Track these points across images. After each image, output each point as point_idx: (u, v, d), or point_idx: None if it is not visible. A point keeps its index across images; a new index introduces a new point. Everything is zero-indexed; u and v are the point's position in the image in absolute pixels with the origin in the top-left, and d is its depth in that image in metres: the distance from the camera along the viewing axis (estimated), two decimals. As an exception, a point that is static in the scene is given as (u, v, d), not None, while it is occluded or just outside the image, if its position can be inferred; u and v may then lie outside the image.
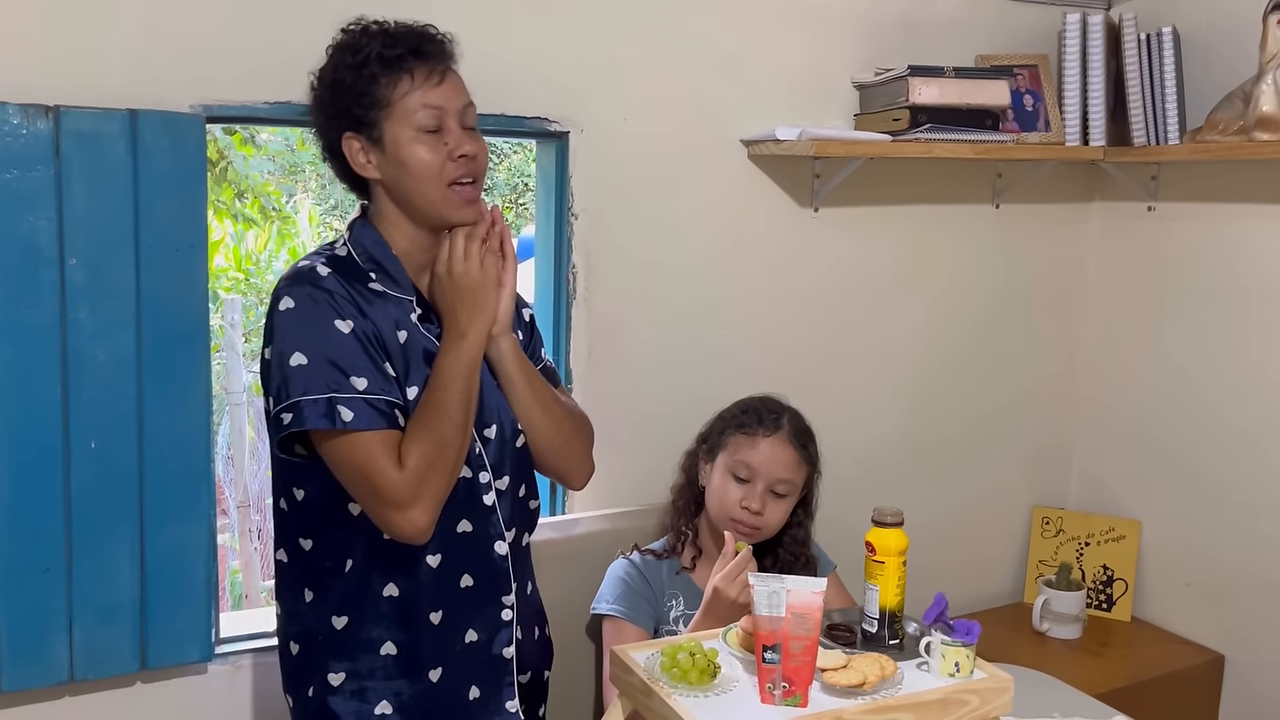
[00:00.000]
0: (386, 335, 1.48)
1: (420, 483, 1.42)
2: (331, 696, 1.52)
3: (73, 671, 1.78)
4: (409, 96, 1.46)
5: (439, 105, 1.47)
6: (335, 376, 1.41)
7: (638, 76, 2.17)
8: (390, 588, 1.51)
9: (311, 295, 1.45)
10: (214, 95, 1.81)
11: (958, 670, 1.50)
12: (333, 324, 1.43)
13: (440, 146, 1.48)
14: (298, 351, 1.42)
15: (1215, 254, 2.49)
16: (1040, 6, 2.58)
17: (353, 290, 1.48)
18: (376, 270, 1.52)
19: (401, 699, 1.53)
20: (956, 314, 2.63)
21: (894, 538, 1.58)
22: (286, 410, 1.41)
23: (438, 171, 1.48)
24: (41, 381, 1.71)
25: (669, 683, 1.46)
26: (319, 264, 1.49)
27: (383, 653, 1.52)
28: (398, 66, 1.46)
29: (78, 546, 1.76)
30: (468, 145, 1.49)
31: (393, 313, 1.51)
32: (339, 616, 1.51)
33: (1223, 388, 2.49)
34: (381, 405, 1.43)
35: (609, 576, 1.98)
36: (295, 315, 1.44)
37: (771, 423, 1.95)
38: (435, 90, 1.47)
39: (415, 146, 1.47)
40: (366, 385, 1.42)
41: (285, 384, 1.42)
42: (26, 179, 1.66)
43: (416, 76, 1.47)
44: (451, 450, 1.45)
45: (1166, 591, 2.64)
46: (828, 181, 2.35)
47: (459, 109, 1.50)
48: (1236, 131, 2.27)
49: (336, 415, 1.40)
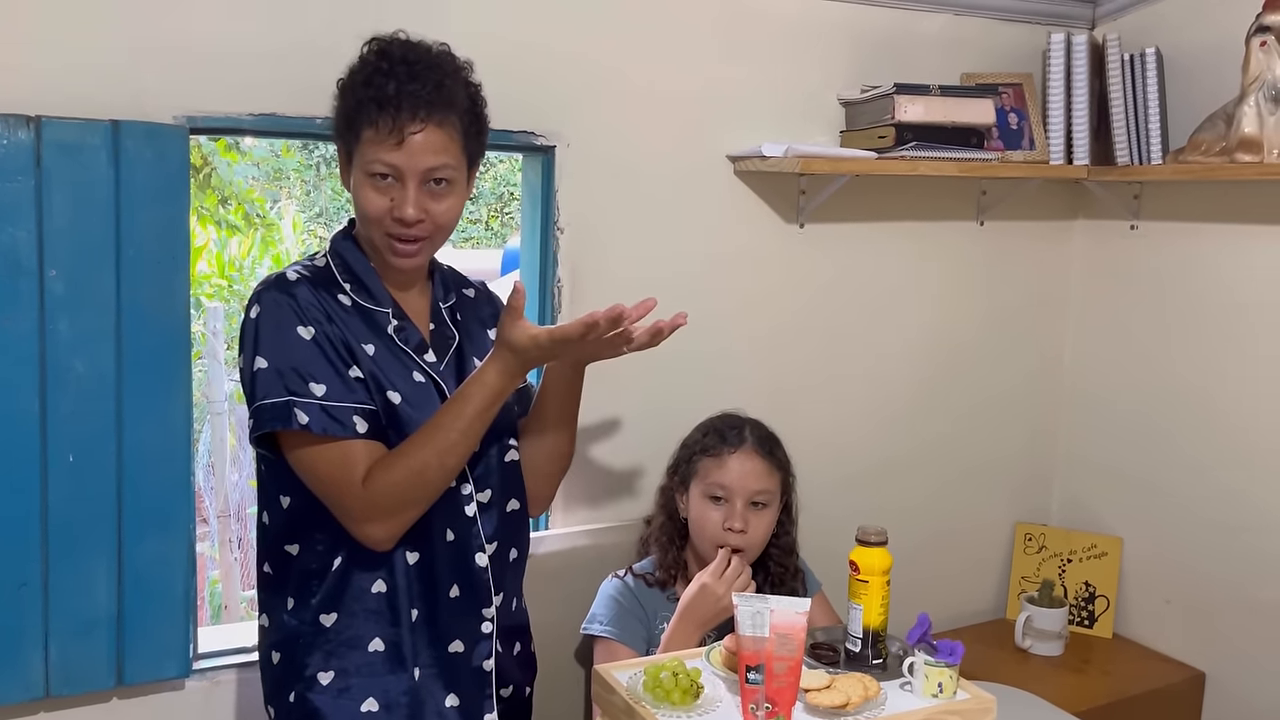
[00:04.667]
0: (354, 346, 1.48)
1: (381, 505, 1.43)
2: (316, 695, 1.51)
3: (48, 687, 1.76)
4: (370, 145, 1.43)
5: (394, 164, 1.43)
6: (295, 381, 1.43)
7: (625, 91, 2.17)
8: (378, 583, 1.51)
9: (276, 300, 1.46)
10: (198, 106, 1.80)
11: (941, 691, 1.50)
12: (294, 330, 1.45)
13: (386, 198, 1.45)
14: (259, 356, 1.44)
15: (1197, 273, 2.51)
16: (1025, 26, 2.60)
17: (322, 299, 1.49)
18: (353, 282, 1.53)
19: (389, 696, 1.52)
20: (940, 330, 2.63)
21: (878, 557, 1.58)
22: (251, 415, 1.45)
23: (379, 218, 1.47)
24: (19, 394, 1.69)
25: (651, 703, 1.46)
26: (291, 272, 1.51)
27: (370, 649, 1.51)
28: (374, 109, 1.42)
29: (54, 561, 1.74)
30: (410, 209, 1.44)
31: (364, 325, 1.51)
32: (326, 615, 1.51)
33: (1205, 406, 2.50)
34: (339, 414, 1.43)
35: (601, 596, 1.97)
36: (260, 321, 1.46)
37: (735, 438, 1.95)
38: (397, 150, 1.42)
39: (364, 188, 1.46)
40: (325, 391, 1.43)
41: (251, 390, 1.45)
42: (6, 189, 1.64)
43: (383, 129, 1.42)
44: (426, 487, 1.45)
45: (1148, 608, 2.65)
46: (813, 198, 2.36)
47: (421, 170, 1.43)
48: (1219, 152, 2.28)
49: (293, 418, 1.41)
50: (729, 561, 1.84)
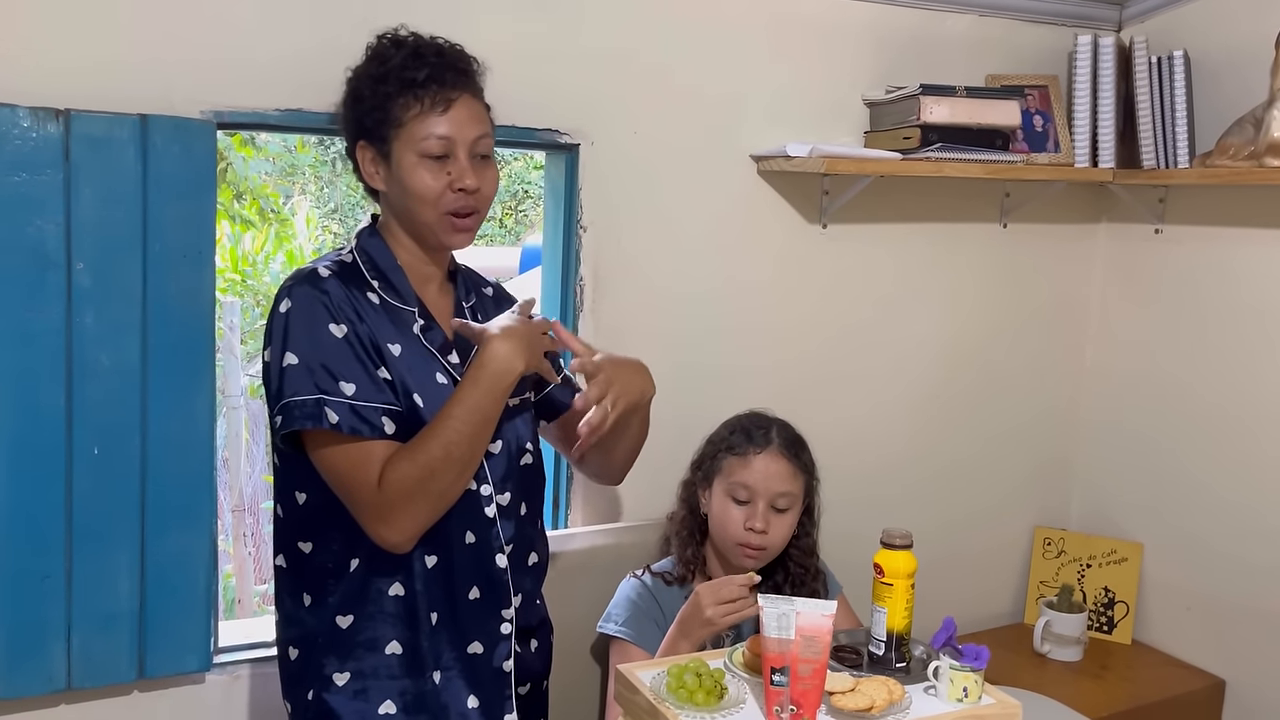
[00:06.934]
0: (382, 347, 1.48)
1: (393, 505, 1.42)
2: (333, 696, 1.51)
3: (70, 679, 1.76)
4: (418, 122, 1.46)
5: (447, 135, 1.47)
6: (325, 380, 1.42)
7: (648, 90, 2.16)
8: (396, 586, 1.50)
9: (309, 296, 1.46)
10: (225, 101, 1.80)
11: (966, 695, 1.49)
12: (326, 327, 1.44)
13: (443, 174, 1.48)
14: (290, 352, 1.43)
15: (1222, 277, 2.49)
16: (1051, 28, 2.58)
17: (353, 297, 1.48)
18: (380, 280, 1.53)
19: (406, 699, 1.52)
20: (962, 333, 2.62)
21: (903, 560, 1.57)
22: (279, 412, 1.43)
23: (436, 198, 1.49)
24: (46, 386, 1.69)
25: (675, 703, 1.45)
26: (322, 267, 1.50)
27: (387, 652, 1.51)
28: (413, 89, 1.46)
29: (78, 554, 1.74)
30: (469, 179, 1.48)
31: (391, 324, 1.51)
32: (343, 616, 1.50)
33: (1228, 412, 2.49)
34: (368, 413, 1.43)
35: (619, 596, 1.96)
36: (292, 317, 1.45)
37: (761, 438, 1.93)
38: (444, 119, 1.47)
39: (418, 170, 1.48)
40: (355, 391, 1.43)
41: (280, 386, 1.44)
42: (35, 182, 1.65)
43: (427, 102, 1.46)
44: (439, 481, 1.43)
45: (1168, 615, 2.63)
46: (836, 198, 2.35)
47: (470, 139, 1.49)
48: (1247, 157, 2.27)
49: (323, 417, 1.41)
50: (737, 587, 1.75)
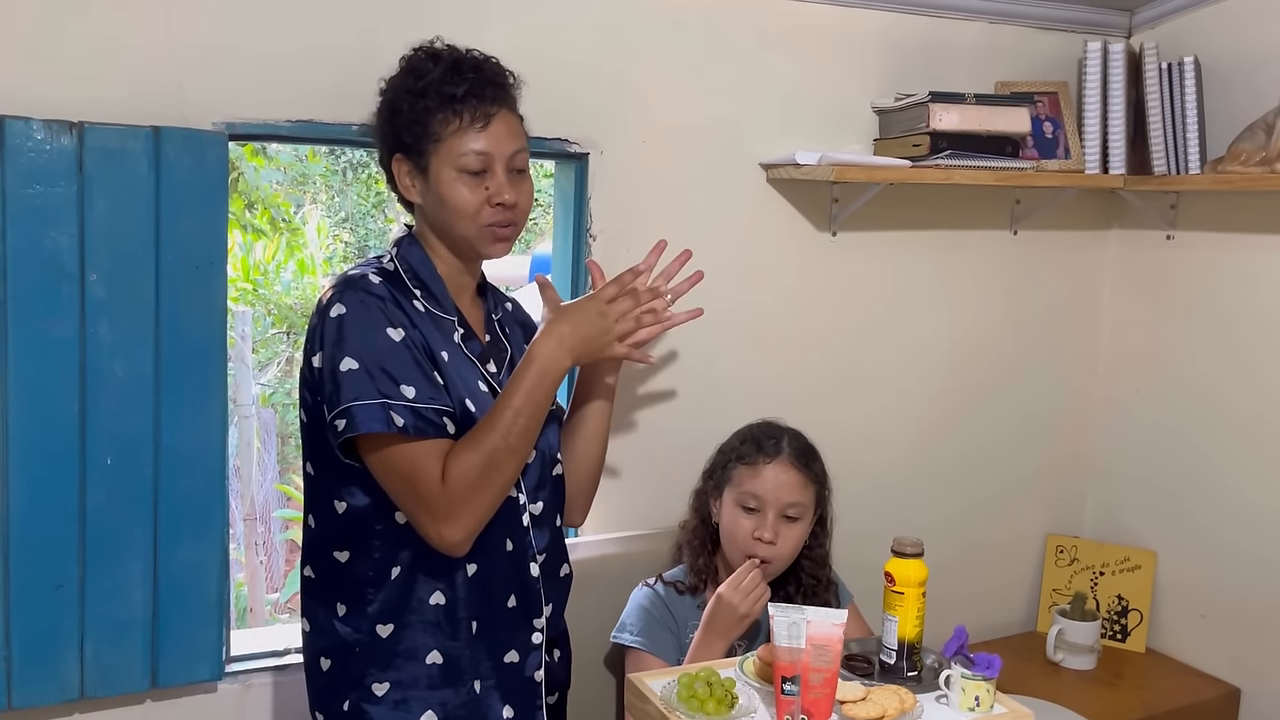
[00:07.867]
0: (434, 351, 1.49)
1: (458, 499, 1.41)
2: (373, 706, 1.50)
3: (83, 688, 1.77)
4: (457, 137, 1.48)
5: (485, 151, 1.49)
6: (386, 384, 1.42)
7: (658, 99, 2.17)
8: (437, 595, 1.50)
9: (364, 301, 1.45)
10: (237, 113, 1.81)
11: (978, 704, 1.49)
12: (384, 331, 1.44)
13: (481, 189, 1.49)
14: (348, 357, 1.42)
15: (1234, 284, 2.48)
16: (1061, 34, 2.58)
17: (401, 302, 1.50)
18: (421, 289, 1.54)
19: (446, 709, 1.52)
20: (973, 340, 2.62)
21: (914, 568, 1.57)
22: (340, 416, 1.41)
23: (474, 213, 1.50)
24: (59, 396, 1.70)
25: (686, 713, 1.45)
26: (370, 272, 1.51)
27: (428, 662, 1.51)
28: (452, 104, 1.48)
29: (91, 563, 1.75)
30: (508, 193, 1.50)
31: (436, 331, 1.52)
32: (383, 625, 1.50)
33: (1241, 419, 2.47)
34: (430, 414, 1.43)
35: (632, 605, 1.96)
36: (346, 321, 1.44)
37: (772, 448, 1.93)
38: (483, 135, 1.49)
39: (457, 186, 1.49)
40: (415, 394, 1.43)
41: (337, 390, 1.42)
42: (49, 194, 1.66)
43: (466, 118, 1.48)
44: (500, 472, 1.44)
45: (1182, 623, 2.61)
46: (846, 206, 2.35)
47: (508, 154, 1.51)
48: (1258, 163, 2.26)
49: (390, 420, 1.40)
50: (749, 572, 1.82)
